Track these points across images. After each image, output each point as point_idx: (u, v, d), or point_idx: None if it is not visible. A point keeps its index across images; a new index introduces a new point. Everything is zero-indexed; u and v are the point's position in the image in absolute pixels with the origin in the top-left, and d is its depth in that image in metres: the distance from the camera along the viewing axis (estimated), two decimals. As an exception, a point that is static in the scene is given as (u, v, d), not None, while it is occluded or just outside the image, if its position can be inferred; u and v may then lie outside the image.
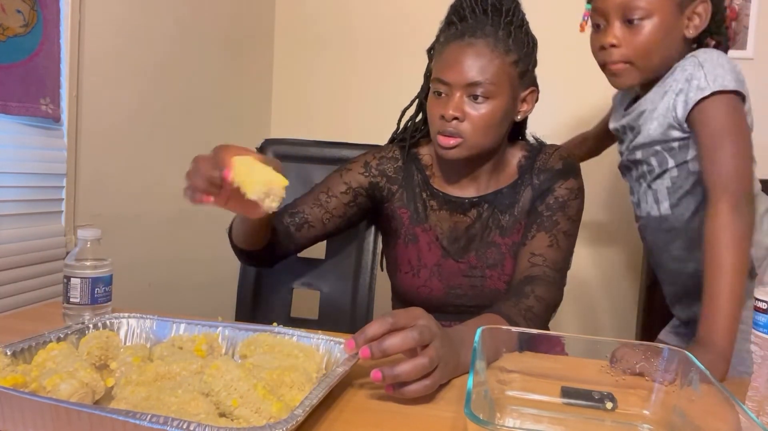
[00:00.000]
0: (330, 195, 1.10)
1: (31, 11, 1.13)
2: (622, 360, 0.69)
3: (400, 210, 1.11)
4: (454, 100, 0.97)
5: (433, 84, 1.01)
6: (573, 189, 1.04)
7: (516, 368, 0.70)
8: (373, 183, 1.12)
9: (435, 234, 1.10)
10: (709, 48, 1.03)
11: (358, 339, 0.67)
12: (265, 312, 1.45)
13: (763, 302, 0.64)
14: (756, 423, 0.50)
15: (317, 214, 1.09)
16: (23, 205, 1.18)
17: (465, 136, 0.98)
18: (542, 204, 1.04)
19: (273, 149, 1.55)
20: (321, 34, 2.08)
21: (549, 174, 1.05)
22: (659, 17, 0.99)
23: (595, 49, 1.06)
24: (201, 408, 0.58)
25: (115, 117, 1.39)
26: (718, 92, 0.93)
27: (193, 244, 1.70)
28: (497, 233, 1.07)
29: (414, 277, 1.10)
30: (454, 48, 0.98)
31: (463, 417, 0.49)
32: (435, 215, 1.10)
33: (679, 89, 0.98)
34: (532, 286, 0.94)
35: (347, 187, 1.10)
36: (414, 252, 1.10)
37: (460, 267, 1.09)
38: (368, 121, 2.00)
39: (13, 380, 0.61)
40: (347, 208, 1.11)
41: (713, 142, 0.93)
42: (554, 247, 1.00)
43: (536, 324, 0.90)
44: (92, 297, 0.90)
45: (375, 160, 1.13)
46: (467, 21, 0.99)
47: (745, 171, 0.93)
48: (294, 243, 1.10)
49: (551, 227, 1.02)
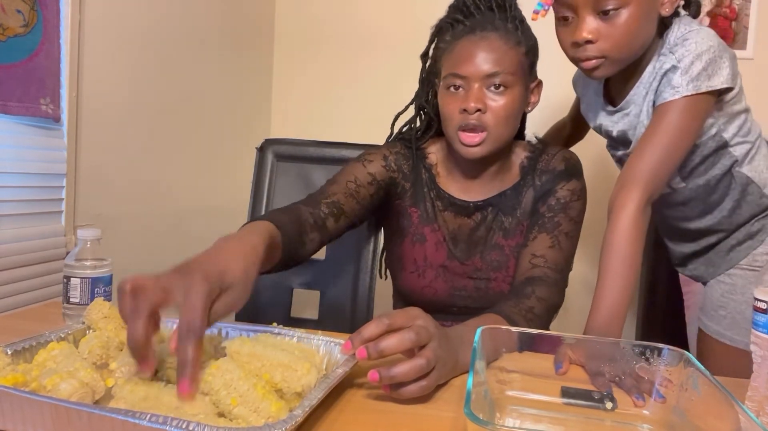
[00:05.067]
0: (358, 185, 1.05)
1: (31, 11, 1.13)
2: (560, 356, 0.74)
3: (411, 208, 1.11)
4: (474, 92, 0.97)
5: (447, 80, 1.00)
6: (575, 190, 1.04)
7: (516, 368, 0.70)
8: (392, 178, 1.10)
9: (443, 234, 1.09)
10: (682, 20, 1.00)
11: (355, 340, 0.67)
12: (265, 312, 1.45)
13: (763, 302, 0.64)
14: (756, 423, 0.50)
15: (351, 204, 1.03)
16: (23, 205, 1.18)
17: (489, 129, 0.98)
18: (544, 205, 1.04)
19: (273, 149, 1.55)
20: (321, 34, 2.08)
21: (551, 175, 1.05)
22: (635, 3, 0.92)
23: (565, 44, 1.00)
24: (200, 407, 0.58)
25: (115, 117, 1.39)
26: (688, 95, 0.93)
27: (194, 244, 1.70)
28: (500, 235, 1.07)
29: (419, 277, 1.10)
30: (466, 43, 0.98)
31: (463, 417, 0.49)
32: (442, 216, 1.10)
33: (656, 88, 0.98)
34: (533, 287, 0.95)
35: (372, 178, 1.07)
36: (420, 252, 1.10)
37: (465, 269, 1.08)
38: (368, 121, 2.00)
39: (13, 379, 0.61)
40: (371, 200, 1.07)
41: (652, 139, 0.95)
42: (555, 248, 1.00)
43: (537, 324, 0.91)
44: (92, 297, 0.90)
45: (392, 154, 1.11)
46: (475, 17, 1.00)
47: (664, 177, 0.96)
48: (326, 235, 1.01)
49: (553, 228, 1.02)
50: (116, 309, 0.79)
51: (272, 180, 1.53)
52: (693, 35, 0.95)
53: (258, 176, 1.55)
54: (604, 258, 0.92)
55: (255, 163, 1.56)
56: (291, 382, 0.64)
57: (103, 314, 0.78)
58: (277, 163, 1.53)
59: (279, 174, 1.52)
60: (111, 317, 0.78)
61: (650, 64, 1.00)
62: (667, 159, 0.94)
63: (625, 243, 0.91)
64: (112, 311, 0.79)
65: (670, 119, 0.94)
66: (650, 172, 0.93)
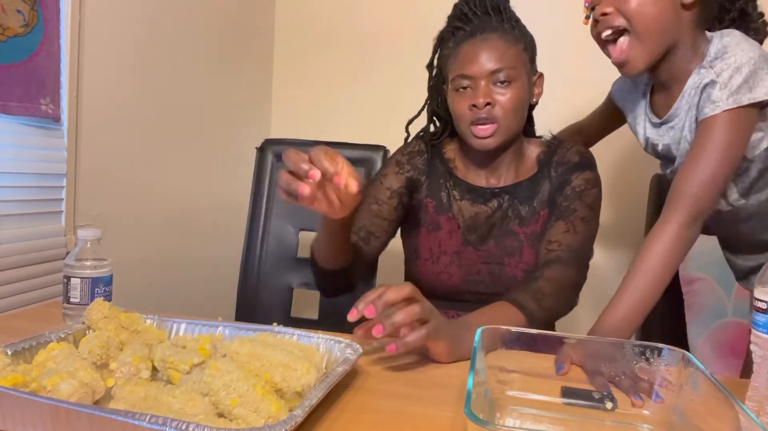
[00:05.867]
0: (380, 203, 1.14)
1: (31, 11, 1.13)
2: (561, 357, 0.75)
3: (426, 199, 1.16)
4: (482, 89, 1.03)
5: (455, 82, 1.07)
6: (590, 179, 1.09)
7: (516, 368, 0.70)
8: (409, 178, 1.16)
9: (457, 222, 1.14)
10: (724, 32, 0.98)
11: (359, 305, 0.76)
12: (265, 312, 1.46)
13: (763, 302, 0.64)
14: (756, 423, 0.50)
15: (378, 224, 1.13)
16: (23, 205, 1.18)
17: (499, 121, 1.04)
18: (561, 195, 1.08)
19: (273, 149, 1.55)
20: (321, 34, 2.09)
21: (566, 167, 1.10)
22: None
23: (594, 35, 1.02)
24: (199, 408, 0.58)
25: (115, 117, 1.39)
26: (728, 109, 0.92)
27: (194, 244, 1.70)
28: (516, 223, 1.11)
29: (434, 264, 1.13)
30: (469, 46, 1.06)
31: (463, 417, 0.49)
32: (458, 205, 1.14)
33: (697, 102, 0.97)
34: (543, 269, 1.00)
35: (390, 191, 1.15)
36: (435, 240, 1.14)
37: (479, 255, 1.12)
38: (368, 121, 2.00)
39: (13, 379, 0.61)
40: (397, 211, 1.15)
41: (699, 156, 0.94)
42: (570, 232, 1.04)
43: (549, 303, 0.96)
44: (92, 297, 0.90)
45: (404, 156, 1.18)
46: (473, 22, 1.08)
47: (713, 195, 0.94)
48: (366, 258, 1.12)
49: (569, 215, 1.06)
50: (116, 309, 0.79)
51: (272, 180, 1.53)
52: (732, 48, 0.94)
53: (258, 176, 1.55)
54: (634, 268, 0.92)
55: (255, 163, 1.56)
56: (291, 382, 0.64)
57: (103, 314, 0.78)
58: (277, 163, 1.53)
59: (279, 174, 1.52)
60: (111, 317, 0.78)
61: (691, 78, 0.99)
62: (714, 175, 0.93)
63: (659, 259, 0.91)
64: (112, 311, 0.79)
65: (713, 135, 0.93)
66: (697, 189, 0.92)
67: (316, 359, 0.74)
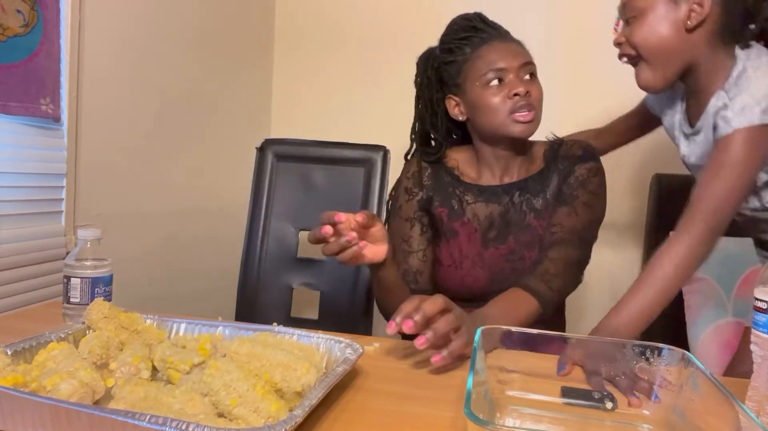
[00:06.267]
0: (407, 240, 1.16)
1: (31, 11, 1.13)
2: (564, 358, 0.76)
3: (438, 209, 1.17)
4: (519, 79, 1.06)
5: (486, 77, 1.07)
6: (592, 168, 1.11)
7: (516, 368, 0.70)
8: (421, 198, 1.18)
9: (473, 226, 1.15)
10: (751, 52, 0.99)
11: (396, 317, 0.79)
12: (265, 312, 1.46)
13: (763, 302, 0.64)
14: (756, 423, 0.50)
15: (413, 261, 1.15)
16: (23, 205, 1.18)
17: (536, 108, 1.07)
18: (566, 185, 1.11)
19: (273, 149, 1.55)
20: (321, 35, 2.08)
21: (571, 159, 1.13)
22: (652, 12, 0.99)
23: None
24: (199, 408, 0.58)
25: (115, 117, 1.39)
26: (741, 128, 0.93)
27: (194, 244, 1.70)
28: (532, 216, 1.13)
29: (457, 269, 1.15)
30: (495, 43, 1.09)
31: (463, 417, 0.49)
32: (471, 208, 1.15)
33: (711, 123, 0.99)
34: (547, 252, 1.05)
35: (411, 222, 1.16)
36: (455, 246, 1.15)
37: (501, 253, 1.13)
38: (368, 121, 2.00)
39: (13, 379, 0.61)
40: (425, 234, 1.17)
41: (717, 171, 0.95)
42: (572, 216, 1.08)
43: (557, 283, 1.01)
44: (92, 297, 0.90)
45: (410, 180, 1.19)
46: (485, 31, 1.11)
47: (731, 209, 0.96)
48: (424, 291, 1.13)
49: (571, 201, 1.09)
50: (116, 310, 0.79)
51: (272, 180, 1.53)
52: (751, 71, 0.95)
53: (258, 176, 1.55)
54: (647, 272, 0.94)
55: (255, 163, 1.56)
56: (291, 382, 0.64)
57: (103, 314, 0.78)
58: (277, 163, 1.53)
59: (279, 174, 1.52)
60: (111, 317, 0.78)
61: (714, 96, 1.00)
62: (730, 193, 0.94)
63: (671, 270, 0.92)
64: (112, 311, 0.79)
65: (730, 152, 0.94)
66: (714, 203, 0.94)
67: (316, 359, 0.74)
